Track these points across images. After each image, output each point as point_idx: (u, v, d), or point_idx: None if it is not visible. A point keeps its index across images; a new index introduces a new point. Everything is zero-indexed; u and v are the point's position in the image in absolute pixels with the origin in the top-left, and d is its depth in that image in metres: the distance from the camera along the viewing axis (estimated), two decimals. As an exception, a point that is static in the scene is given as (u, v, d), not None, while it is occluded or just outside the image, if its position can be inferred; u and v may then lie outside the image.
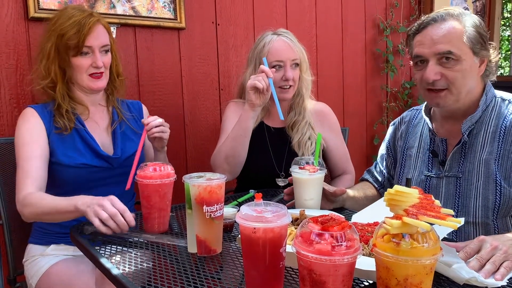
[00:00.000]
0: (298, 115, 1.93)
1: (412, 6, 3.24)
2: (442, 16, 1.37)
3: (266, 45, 1.86)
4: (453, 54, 1.33)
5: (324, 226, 0.79)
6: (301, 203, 1.48)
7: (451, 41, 1.33)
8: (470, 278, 0.93)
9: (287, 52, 1.84)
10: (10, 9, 1.84)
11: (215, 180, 1.11)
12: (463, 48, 1.34)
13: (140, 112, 1.84)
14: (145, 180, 1.29)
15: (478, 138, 1.39)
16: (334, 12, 2.90)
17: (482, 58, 1.38)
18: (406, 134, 1.62)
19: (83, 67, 1.58)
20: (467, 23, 1.35)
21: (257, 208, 0.89)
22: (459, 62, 1.34)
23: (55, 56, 1.58)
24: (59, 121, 1.58)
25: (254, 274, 0.89)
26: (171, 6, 2.22)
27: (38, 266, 1.55)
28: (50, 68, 1.58)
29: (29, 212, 1.46)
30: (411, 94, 3.27)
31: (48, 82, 1.59)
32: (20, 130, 1.58)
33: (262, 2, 2.56)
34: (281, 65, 1.84)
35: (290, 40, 1.86)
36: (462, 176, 1.39)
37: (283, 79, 1.83)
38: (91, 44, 1.57)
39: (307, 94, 1.96)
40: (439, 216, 0.80)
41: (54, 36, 1.56)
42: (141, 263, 1.12)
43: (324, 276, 0.77)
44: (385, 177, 1.72)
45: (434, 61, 1.36)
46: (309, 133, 1.91)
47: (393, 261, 0.77)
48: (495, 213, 1.33)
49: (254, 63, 1.89)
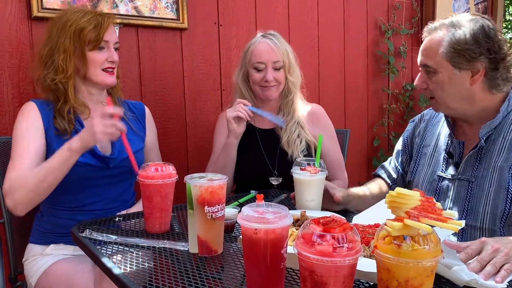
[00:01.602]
0: (286, 115, 1.96)
1: (414, 8, 3.24)
2: (436, 27, 1.41)
3: (251, 46, 1.92)
4: (428, 67, 1.40)
5: (325, 227, 0.79)
6: (302, 204, 1.48)
7: (428, 54, 1.40)
8: (470, 280, 0.93)
9: (268, 54, 1.87)
10: (13, 8, 1.85)
11: (217, 180, 1.11)
12: (438, 61, 1.37)
13: (142, 113, 1.84)
14: (147, 180, 1.29)
15: (495, 144, 1.37)
16: (336, 14, 2.91)
17: (473, 70, 1.35)
18: (424, 132, 1.63)
19: (98, 61, 1.60)
20: (447, 36, 1.36)
21: (259, 209, 0.89)
22: (436, 74, 1.39)
23: (73, 50, 1.58)
24: (60, 124, 1.58)
25: (255, 274, 0.90)
26: (174, 7, 2.23)
27: (37, 266, 1.56)
28: (68, 62, 1.58)
29: (20, 195, 1.44)
30: (412, 96, 3.27)
31: (63, 77, 1.58)
32: (18, 125, 1.58)
33: (264, 3, 2.57)
34: (262, 67, 1.88)
35: (273, 43, 1.89)
36: (474, 181, 1.38)
37: (264, 80, 1.88)
38: (108, 39, 1.61)
39: (296, 96, 1.98)
40: (440, 219, 0.80)
41: (71, 32, 1.56)
42: (142, 262, 1.12)
43: (325, 277, 0.77)
44: (399, 173, 1.72)
45: (422, 70, 1.45)
46: (298, 132, 1.93)
47: (394, 263, 0.77)
48: (503, 221, 1.32)
49: (241, 64, 1.97)
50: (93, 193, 1.62)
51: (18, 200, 1.46)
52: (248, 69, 1.93)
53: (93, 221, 1.43)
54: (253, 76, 1.90)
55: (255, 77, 1.89)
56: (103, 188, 1.63)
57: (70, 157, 1.44)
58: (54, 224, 1.61)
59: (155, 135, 1.88)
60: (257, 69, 1.89)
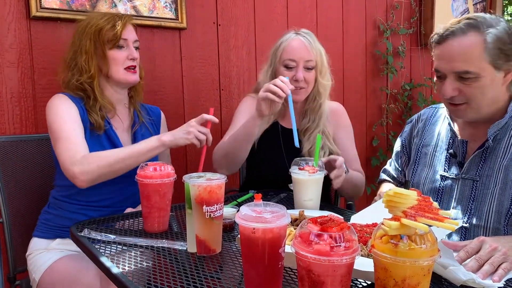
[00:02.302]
0: (311, 122, 1.86)
1: (412, 8, 3.24)
2: (462, 29, 1.30)
3: (283, 43, 1.83)
4: (470, 73, 1.29)
5: (323, 227, 0.79)
6: (300, 203, 1.48)
7: (468, 59, 1.28)
8: (467, 279, 0.93)
9: (301, 52, 1.79)
10: (12, 8, 1.85)
11: (215, 180, 1.11)
12: (482, 65, 1.28)
13: (158, 118, 1.87)
14: (145, 179, 1.30)
15: (501, 144, 1.37)
16: (334, 13, 2.91)
17: (507, 69, 1.31)
18: (423, 131, 1.61)
19: (119, 59, 1.64)
20: (488, 37, 1.27)
21: (257, 209, 0.89)
22: (478, 79, 1.29)
23: (94, 51, 1.63)
24: (95, 119, 1.62)
25: (253, 274, 0.90)
26: (173, 6, 2.23)
27: (42, 261, 1.55)
28: (90, 63, 1.63)
29: (94, 167, 1.47)
30: (410, 96, 3.27)
31: (87, 78, 1.63)
32: (56, 108, 1.59)
33: (263, 3, 2.57)
34: (293, 65, 1.79)
35: (307, 41, 1.81)
36: (479, 180, 1.38)
37: (293, 79, 1.78)
38: (126, 37, 1.65)
39: (324, 100, 1.88)
40: (437, 218, 0.80)
41: (91, 33, 1.62)
42: (141, 262, 1.12)
43: (322, 276, 0.77)
44: (401, 174, 1.72)
45: (452, 78, 1.33)
46: (323, 142, 1.83)
47: (391, 262, 0.78)
48: (507, 219, 1.31)
49: (270, 61, 1.88)
50: (110, 190, 1.63)
51: (90, 170, 1.47)
52: (278, 67, 1.84)
53: (91, 221, 1.43)
54: (282, 74, 1.78)
55: (284, 75, 1.75)
56: (120, 187, 1.64)
57: (157, 148, 1.52)
58: (62, 217, 1.62)
59: None
60: (287, 66, 1.80)
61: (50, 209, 1.67)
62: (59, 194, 1.65)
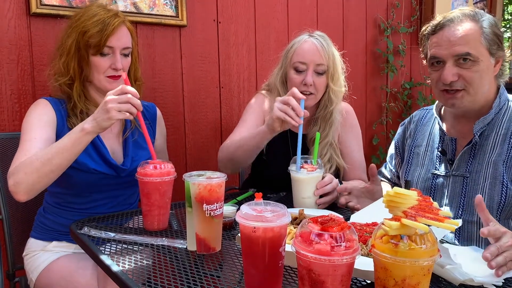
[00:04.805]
0: (321, 131, 1.77)
1: (413, 7, 3.24)
2: (459, 17, 1.37)
3: (295, 44, 1.76)
4: (471, 56, 1.33)
5: (323, 226, 0.80)
6: (298, 201, 1.49)
7: (469, 42, 1.34)
8: (465, 279, 0.94)
9: (312, 54, 1.71)
10: (12, 4, 1.84)
11: (215, 178, 1.12)
12: (480, 49, 1.34)
13: (154, 116, 1.78)
14: (145, 178, 1.30)
15: (488, 140, 1.40)
16: (335, 12, 2.91)
17: (498, 58, 1.39)
18: (415, 132, 1.64)
19: (101, 67, 1.53)
20: (484, 24, 1.35)
21: (257, 208, 0.90)
22: (477, 63, 1.34)
23: (75, 53, 1.53)
24: (74, 123, 1.51)
25: (253, 272, 0.90)
26: (173, 4, 2.22)
27: (39, 261, 1.55)
28: (69, 65, 1.54)
29: (23, 175, 1.34)
30: (410, 94, 3.27)
31: (67, 80, 1.55)
32: (28, 116, 1.53)
33: (264, 1, 2.56)
34: (303, 68, 1.72)
35: (319, 43, 1.73)
36: (469, 176, 1.41)
37: (302, 83, 1.71)
38: (113, 45, 1.52)
39: (336, 108, 1.79)
40: (437, 218, 0.81)
41: (76, 33, 1.52)
42: (141, 260, 1.12)
43: (323, 276, 0.78)
44: (394, 176, 1.74)
45: (452, 63, 1.36)
46: (329, 155, 1.77)
47: (391, 262, 0.78)
48: (499, 214, 1.34)
49: (281, 62, 1.82)
50: (100, 197, 1.60)
51: (20, 180, 1.35)
52: (288, 70, 1.77)
53: (91, 219, 1.43)
54: (291, 77, 1.73)
55: (293, 78, 1.71)
56: (111, 193, 1.61)
57: (82, 138, 1.35)
58: (57, 223, 1.60)
59: (164, 138, 1.84)
60: (297, 69, 1.72)
61: (46, 213, 1.63)
62: (52, 200, 1.60)
